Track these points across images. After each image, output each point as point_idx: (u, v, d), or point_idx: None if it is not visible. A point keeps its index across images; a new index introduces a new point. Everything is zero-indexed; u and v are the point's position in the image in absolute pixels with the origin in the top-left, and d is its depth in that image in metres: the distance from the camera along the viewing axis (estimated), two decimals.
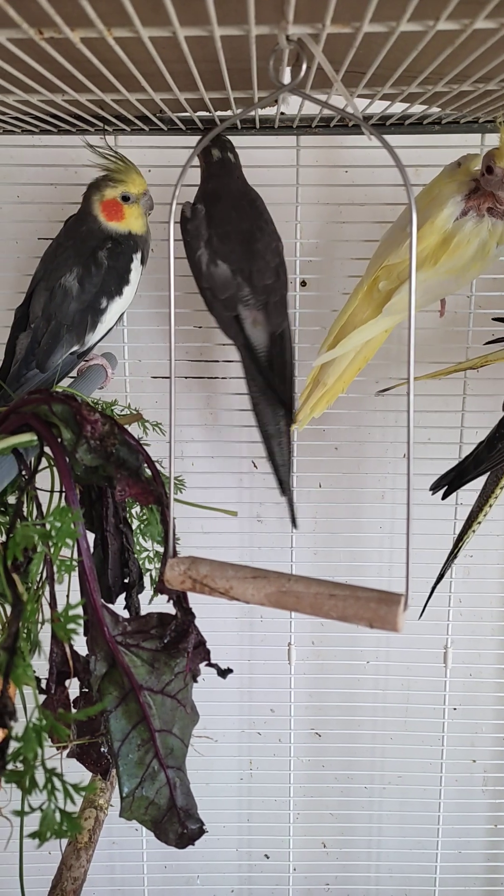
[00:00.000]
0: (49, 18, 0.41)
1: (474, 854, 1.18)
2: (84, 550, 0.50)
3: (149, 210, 0.82)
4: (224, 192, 0.80)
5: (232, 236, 0.79)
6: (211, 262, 0.79)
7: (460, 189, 0.75)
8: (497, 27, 0.45)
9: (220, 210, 0.80)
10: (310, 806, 1.17)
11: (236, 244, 0.79)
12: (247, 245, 0.80)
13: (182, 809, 0.50)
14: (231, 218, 0.80)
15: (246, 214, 0.81)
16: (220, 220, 0.79)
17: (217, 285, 0.79)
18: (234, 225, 0.79)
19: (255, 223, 0.81)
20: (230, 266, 0.79)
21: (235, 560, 0.45)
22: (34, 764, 0.38)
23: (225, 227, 0.79)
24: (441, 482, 0.85)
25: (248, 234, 0.80)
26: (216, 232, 0.79)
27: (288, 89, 0.43)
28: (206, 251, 0.79)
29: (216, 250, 0.79)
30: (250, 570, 0.42)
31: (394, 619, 0.38)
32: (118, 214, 0.80)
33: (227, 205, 0.80)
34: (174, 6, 0.40)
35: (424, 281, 0.77)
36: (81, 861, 0.71)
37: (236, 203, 0.81)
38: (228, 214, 0.80)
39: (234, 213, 0.80)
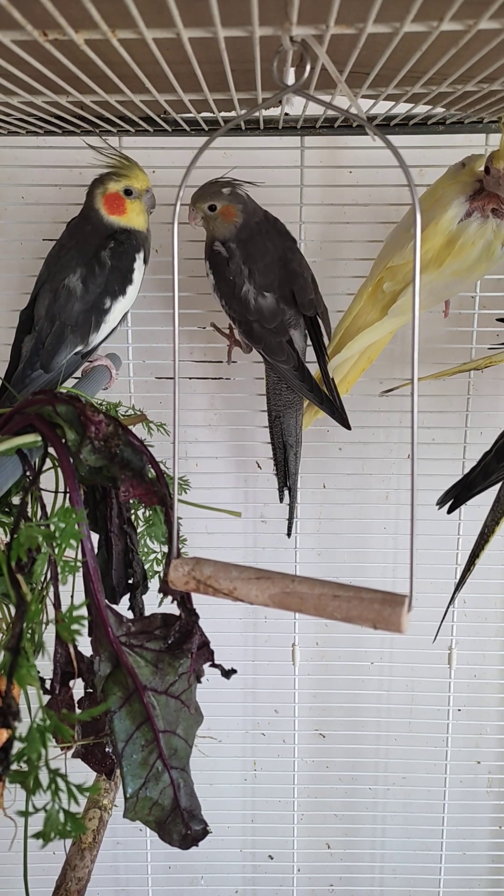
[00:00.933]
0: (53, 20, 0.41)
1: (479, 855, 1.18)
2: (88, 551, 0.50)
3: (150, 208, 0.82)
4: (251, 224, 0.81)
5: (270, 266, 0.80)
6: (258, 296, 0.80)
7: (464, 190, 0.75)
8: (501, 28, 0.45)
9: (255, 243, 0.81)
10: (314, 807, 1.17)
11: (275, 272, 0.80)
12: (284, 269, 0.81)
13: (186, 810, 0.50)
14: (267, 249, 0.81)
15: (276, 240, 0.82)
16: (256, 254, 0.80)
17: (266, 317, 0.80)
18: (270, 255, 0.81)
19: (285, 245, 0.82)
20: (274, 295, 0.80)
21: (239, 561, 0.45)
22: (38, 764, 0.38)
23: (263, 259, 0.80)
24: (447, 496, 0.85)
25: (283, 259, 0.81)
26: (256, 266, 0.80)
27: (292, 90, 0.43)
28: (251, 287, 0.80)
29: (260, 284, 0.80)
30: (254, 571, 0.42)
31: (398, 621, 0.38)
32: (120, 208, 0.80)
33: (258, 236, 0.81)
34: (178, 8, 0.40)
35: (430, 283, 0.77)
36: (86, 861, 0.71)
37: (265, 231, 0.82)
38: (263, 245, 0.81)
39: (268, 243, 0.81)
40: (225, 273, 0.80)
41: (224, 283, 0.81)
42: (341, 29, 0.44)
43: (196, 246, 0.98)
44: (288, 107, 0.79)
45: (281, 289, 0.80)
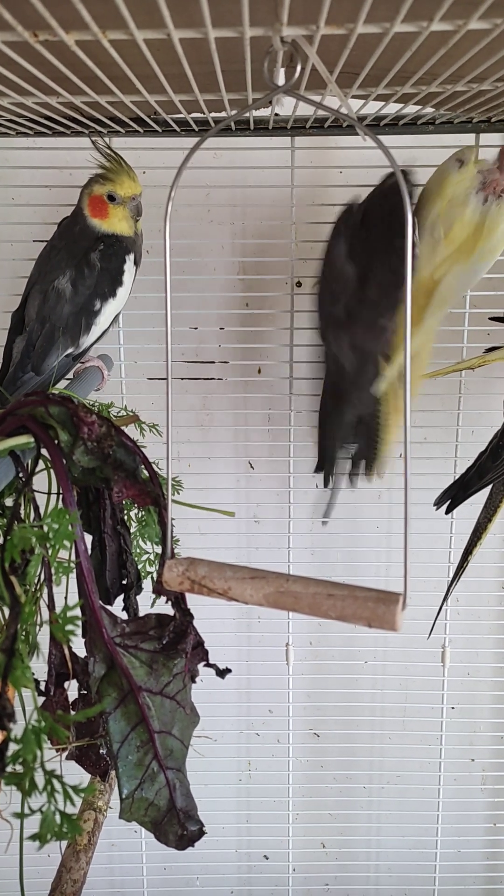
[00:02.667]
0: (44, 21, 0.41)
1: (473, 853, 1.19)
2: (82, 552, 0.50)
3: (136, 216, 0.81)
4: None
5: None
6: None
7: (472, 184, 0.77)
8: (490, 28, 0.45)
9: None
10: (309, 806, 1.17)
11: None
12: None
13: (182, 811, 0.50)
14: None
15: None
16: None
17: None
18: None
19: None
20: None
21: (233, 561, 0.45)
22: (33, 766, 0.38)
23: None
24: (444, 497, 0.85)
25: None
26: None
27: (282, 90, 0.43)
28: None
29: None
30: (248, 571, 0.42)
31: (392, 619, 0.38)
32: (102, 213, 0.80)
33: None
34: (169, 8, 0.40)
35: (463, 272, 0.78)
36: (81, 863, 0.71)
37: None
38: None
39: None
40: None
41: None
42: (331, 29, 0.44)
43: (187, 246, 0.98)
44: (278, 107, 0.79)
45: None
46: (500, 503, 0.87)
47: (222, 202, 1.00)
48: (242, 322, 1.03)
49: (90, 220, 0.80)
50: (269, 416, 1.06)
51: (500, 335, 0.95)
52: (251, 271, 1.02)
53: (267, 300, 1.02)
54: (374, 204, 0.80)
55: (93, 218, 0.80)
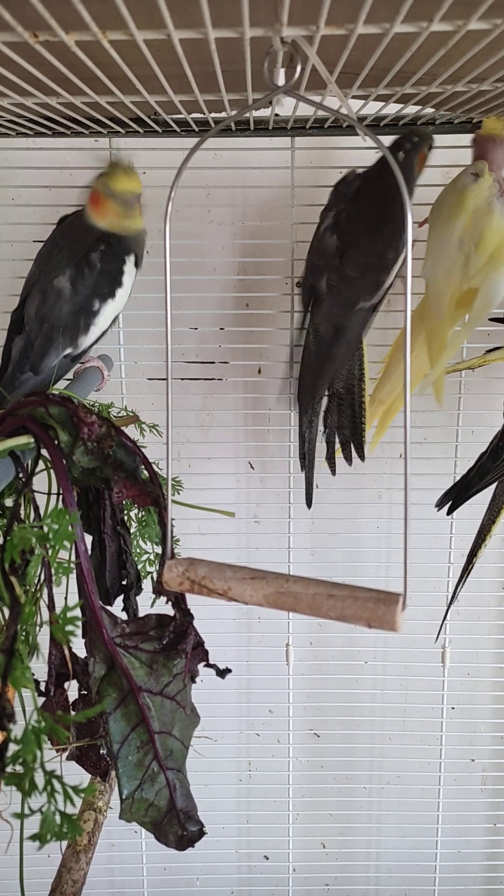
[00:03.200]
0: (44, 21, 0.41)
1: (474, 853, 1.19)
2: (82, 552, 0.50)
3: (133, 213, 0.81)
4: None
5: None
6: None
7: (492, 192, 0.77)
8: (490, 28, 0.45)
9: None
10: (309, 806, 1.17)
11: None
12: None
13: (182, 811, 0.50)
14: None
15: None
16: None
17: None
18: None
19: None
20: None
21: (233, 561, 0.45)
22: (33, 766, 0.38)
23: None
24: (445, 498, 0.85)
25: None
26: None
27: (282, 91, 0.43)
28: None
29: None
30: (248, 571, 0.42)
31: (392, 619, 0.38)
32: (99, 207, 0.79)
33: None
34: (169, 9, 0.40)
35: (498, 278, 0.79)
36: (81, 864, 0.71)
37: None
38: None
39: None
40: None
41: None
42: (331, 30, 0.44)
43: (187, 246, 0.98)
44: (278, 107, 0.79)
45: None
46: (503, 504, 0.87)
47: (222, 202, 1.00)
48: (242, 322, 1.03)
49: (91, 217, 0.80)
50: (269, 417, 1.06)
51: (500, 335, 0.95)
52: (251, 271, 1.02)
53: (267, 300, 1.02)
54: (368, 180, 0.80)
55: (92, 213, 0.80)
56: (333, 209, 0.81)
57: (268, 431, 1.06)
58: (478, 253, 0.77)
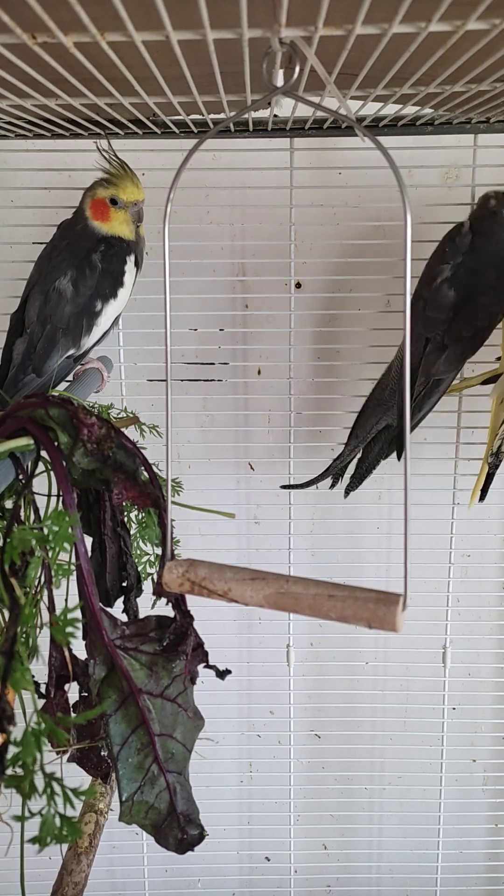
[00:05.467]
0: (42, 23, 0.41)
1: (475, 854, 1.18)
2: (82, 554, 0.50)
3: (137, 221, 0.81)
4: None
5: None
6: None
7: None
8: (489, 28, 0.45)
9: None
10: (310, 807, 1.17)
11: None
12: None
13: (182, 814, 0.50)
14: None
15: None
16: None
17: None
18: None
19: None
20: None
21: (233, 562, 0.45)
22: (33, 769, 0.38)
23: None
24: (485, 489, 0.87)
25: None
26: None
27: (281, 92, 0.43)
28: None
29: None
30: (249, 572, 0.42)
31: (393, 620, 0.38)
32: (104, 215, 0.80)
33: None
34: (167, 10, 0.40)
35: None
36: (82, 866, 0.71)
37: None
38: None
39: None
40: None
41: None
42: (330, 30, 0.44)
43: (186, 248, 0.98)
44: (277, 108, 0.79)
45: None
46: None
47: (221, 203, 1.00)
48: (242, 323, 1.03)
49: (91, 223, 0.80)
50: (269, 418, 1.06)
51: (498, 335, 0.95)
52: (251, 272, 1.02)
53: (266, 301, 1.02)
54: (481, 234, 0.79)
55: (94, 220, 0.80)
56: (451, 261, 0.80)
57: (268, 432, 1.06)
58: None
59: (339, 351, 1.01)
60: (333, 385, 1.02)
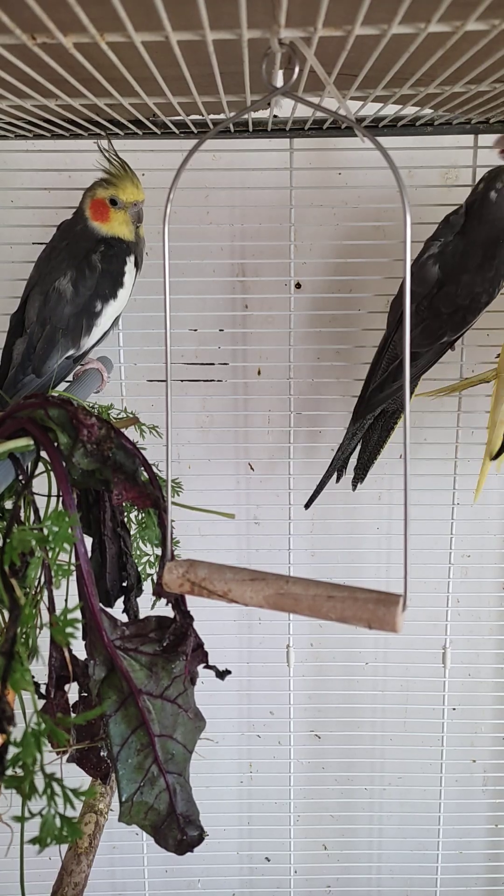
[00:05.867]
0: (42, 24, 0.41)
1: (475, 854, 1.18)
2: (82, 555, 0.50)
3: (136, 222, 0.81)
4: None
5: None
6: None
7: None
8: (488, 29, 0.45)
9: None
10: (310, 808, 1.17)
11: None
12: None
13: (182, 815, 0.50)
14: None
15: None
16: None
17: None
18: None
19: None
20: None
21: (233, 562, 0.45)
22: (33, 769, 0.38)
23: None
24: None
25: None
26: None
27: (280, 92, 0.43)
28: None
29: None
30: (248, 573, 0.42)
31: (392, 620, 0.38)
32: (104, 216, 0.80)
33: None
34: (166, 11, 0.40)
35: None
36: (82, 866, 0.71)
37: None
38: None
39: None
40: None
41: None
42: (329, 31, 0.44)
43: (186, 248, 0.98)
44: (277, 109, 0.79)
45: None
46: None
47: (221, 204, 1.00)
48: (242, 324, 1.03)
49: (91, 223, 0.80)
50: (268, 418, 1.06)
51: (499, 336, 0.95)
52: (250, 273, 1.02)
53: (266, 302, 1.02)
54: (475, 218, 0.79)
55: (94, 221, 0.80)
56: (441, 239, 0.81)
57: (268, 433, 1.06)
58: None
59: (339, 351, 1.02)
60: (333, 385, 1.02)
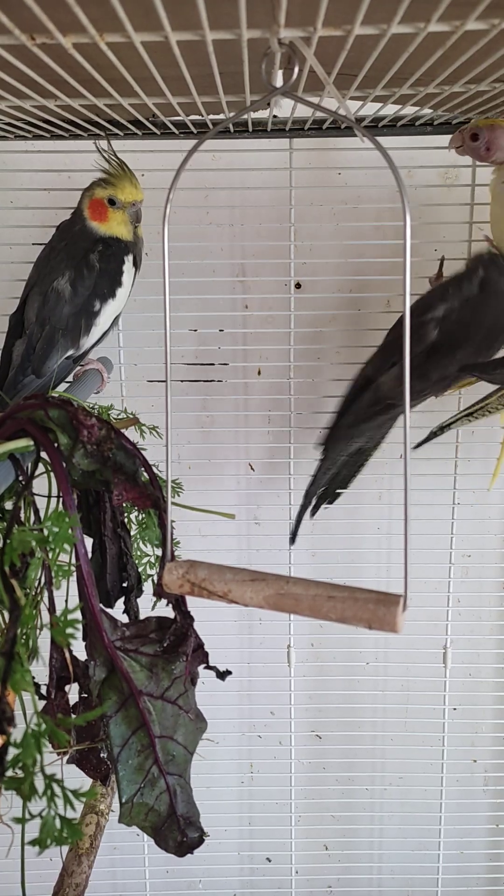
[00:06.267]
0: (41, 24, 0.41)
1: (476, 854, 1.18)
2: (82, 555, 0.50)
3: (135, 222, 0.81)
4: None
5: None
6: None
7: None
8: (488, 28, 0.45)
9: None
10: (311, 808, 1.17)
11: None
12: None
13: (182, 817, 0.50)
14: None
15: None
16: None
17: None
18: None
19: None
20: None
21: (234, 562, 0.45)
22: (33, 770, 0.38)
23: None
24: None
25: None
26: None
27: (280, 92, 0.43)
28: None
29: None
30: (248, 573, 0.42)
31: (393, 621, 0.38)
32: (102, 216, 0.80)
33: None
34: (166, 11, 0.40)
35: None
36: (83, 867, 0.71)
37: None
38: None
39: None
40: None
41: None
42: (329, 31, 0.44)
43: (186, 248, 0.98)
44: (276, 109, 0.79)
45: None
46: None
47: (221, 204, 1.00)
48: (242, 324, 1.03)
49: (90, 223, 0.80)
50: (269, 418, 1.06)
51: None
52: (250, 273, 1.02)
53: (266, 302, 1.02)
54: (487, 293, 0.76)
55: (92, 221, 0.80)
56: (448, 304, 0.77)
57: (268, 433, 1.06)
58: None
59: (339, 351, 1.01)
60: (334, 385, 1.02)
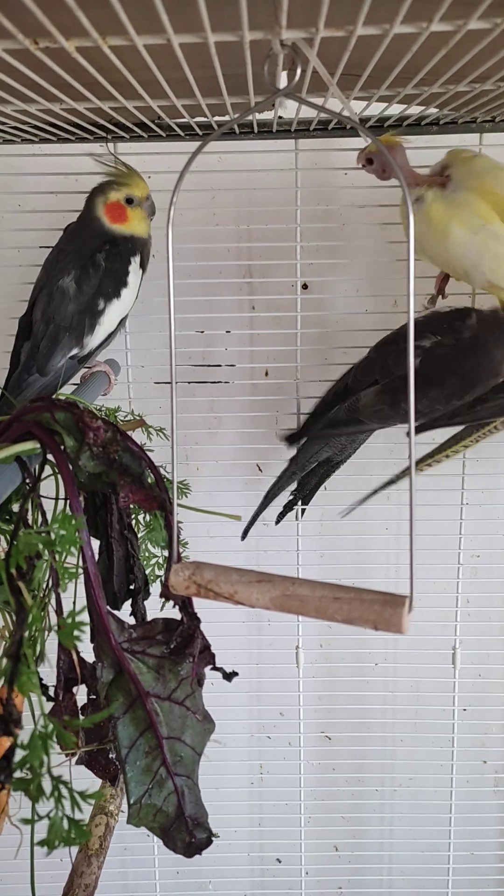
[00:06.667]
0: (44, 28, 0.41)
1: (487, 855, 1.18)
2: (88, 557, 0.50)
3: (151, 214, 0.83)
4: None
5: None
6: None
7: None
8: (491, 27, 0.45)
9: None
10: (321, 809, 1.16)
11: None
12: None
13: (190, 818, 0.50)
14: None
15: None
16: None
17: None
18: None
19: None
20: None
21: (242, 563, 0.45)
22: (41, 772, 0.38)
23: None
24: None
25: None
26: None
27: (283, 94, 0.43)
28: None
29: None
30: (255, 575, 0.42)
31: (398, 622, 0.38)
32: (122, 217, 0.81)
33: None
34: (168, 14, 0.40)
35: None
36: (93, 868, 0.71)
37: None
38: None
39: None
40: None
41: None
42: (331, 32, 0.44)
43: (192, 250, 0.98)
44: (281, 110, 0.79)
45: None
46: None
47: (227, 205, 1.00)
48: (249, 325, 1.03)
49: (109, 226, 0.81)
50: (276, 419, 1.06)
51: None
52: (257, 274, 1.02)
53: (273, 303, 1.02)
54: (477, 341, 0.76)
55: (112, 224, 0.81)
56: (439, 337, 0.76)
57: (275, 434, 1.06)
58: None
59: (347, 352, 1.01)
60: None
